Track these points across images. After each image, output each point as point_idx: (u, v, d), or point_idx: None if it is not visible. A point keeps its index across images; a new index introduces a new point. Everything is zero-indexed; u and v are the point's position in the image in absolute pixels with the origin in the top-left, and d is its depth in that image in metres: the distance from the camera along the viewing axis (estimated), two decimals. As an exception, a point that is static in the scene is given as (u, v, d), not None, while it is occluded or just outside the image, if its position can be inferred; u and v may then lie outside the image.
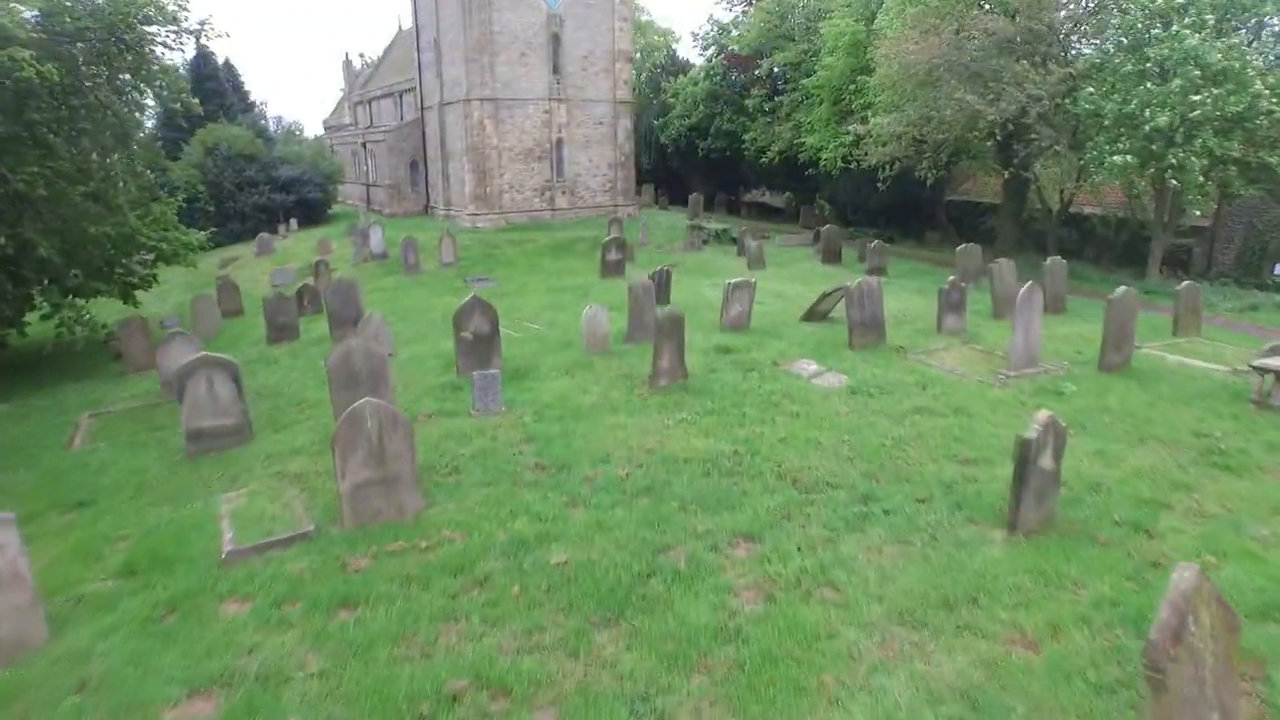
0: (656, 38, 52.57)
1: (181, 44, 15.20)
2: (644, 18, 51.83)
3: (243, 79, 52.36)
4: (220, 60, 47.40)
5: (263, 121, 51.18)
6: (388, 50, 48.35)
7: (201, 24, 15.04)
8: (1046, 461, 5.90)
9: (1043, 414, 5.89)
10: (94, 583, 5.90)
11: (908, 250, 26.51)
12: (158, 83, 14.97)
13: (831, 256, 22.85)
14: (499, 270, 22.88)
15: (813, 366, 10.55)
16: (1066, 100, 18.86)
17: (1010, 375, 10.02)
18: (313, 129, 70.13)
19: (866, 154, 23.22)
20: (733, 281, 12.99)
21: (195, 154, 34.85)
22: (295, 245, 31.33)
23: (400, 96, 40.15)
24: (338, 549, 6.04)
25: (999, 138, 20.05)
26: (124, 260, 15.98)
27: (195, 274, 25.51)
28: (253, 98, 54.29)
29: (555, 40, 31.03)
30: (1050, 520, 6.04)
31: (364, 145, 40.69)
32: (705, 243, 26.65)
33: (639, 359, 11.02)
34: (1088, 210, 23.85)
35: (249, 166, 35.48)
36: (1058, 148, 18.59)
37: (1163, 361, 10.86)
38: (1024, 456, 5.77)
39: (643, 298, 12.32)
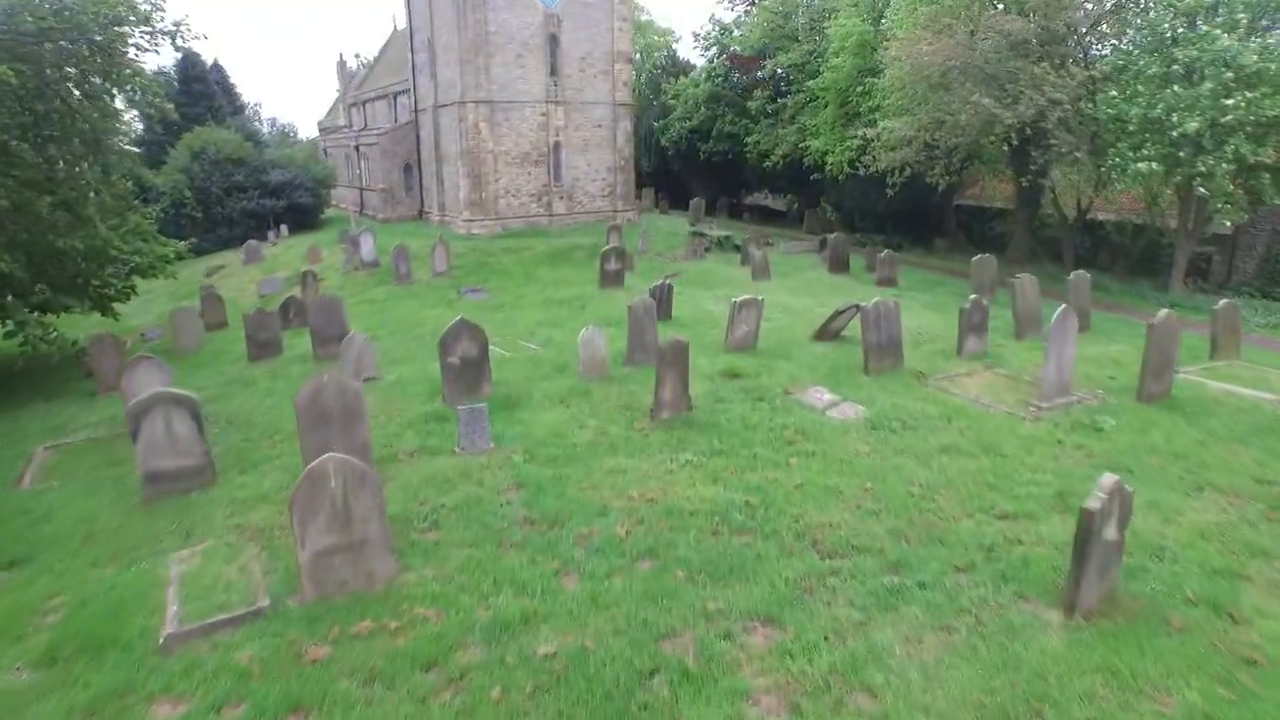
0: (656, 38, 51.71)
1: (156, 45, 14.36)
2: (644, 17, 50.95)
3: (233, 80, 51.71)
4: (209, 61, 46.58)
5: (256, 124, 50.42)
6: (383, 51, 47.44)
7: (177, 25, 14.21)
8: (1111, 533, 5.12)
9: (1107, 479, 5.09)
10: (9, 673, 5.10)
11: (916, 258, 25.65)
12: (129, 86, 14.13)
13: (839, 266, 22.03)
14: (494, 280, 22.04)
15: (827, 396, 9.75)
16: (1086, 104, 18.03)
17: (1042, 407, 9.23)
18: (308, 131, 69.27)
19: (875, 159, 22.37)
20: (739, 300, 12.17)
21: (181, 158, 33.90)
22: (285, 253, 30.46)
23: (394, 98, 39.26)
24: (295, 631, 5.25)
25: (1014, 143, 19.22)
26: (97, 272, 15.15)
27: (180, 283, 24.75)
28: (244, 99, 53.66)
29: (553, 41, 30.16)
30: (1113, 597, 5.25)
31: (357, 148, 39.76)
32: (707, 250, 25.84)
33: (639, 384, 10.24)
34: (1102, 216, 23.00)
35: (237, 170, 34.48)
36: (1077, 154, 17.73)
37: (1205, 389, 10.05)
38: (1087, 529, 4.98)
39: (643, 317, 11.52)
